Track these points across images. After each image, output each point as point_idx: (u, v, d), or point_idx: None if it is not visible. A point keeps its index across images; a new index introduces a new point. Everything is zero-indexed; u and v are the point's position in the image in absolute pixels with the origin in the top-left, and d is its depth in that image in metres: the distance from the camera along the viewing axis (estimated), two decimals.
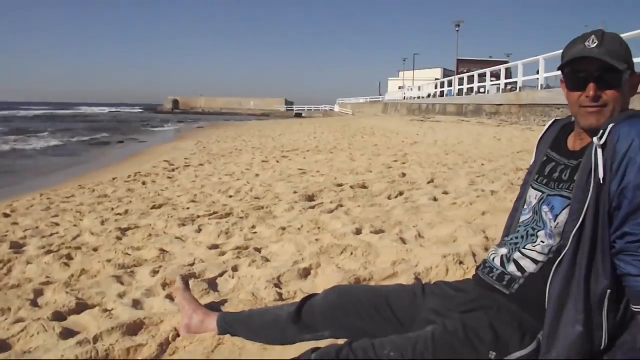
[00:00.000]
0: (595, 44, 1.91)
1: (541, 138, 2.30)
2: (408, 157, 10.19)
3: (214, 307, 2.96)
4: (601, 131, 1.86)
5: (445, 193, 5.91)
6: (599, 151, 1.83)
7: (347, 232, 4.24)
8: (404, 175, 7.61)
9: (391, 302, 2.25)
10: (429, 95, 46.70)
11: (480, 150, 11.30)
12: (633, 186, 1.76)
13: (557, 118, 2.33)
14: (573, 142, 2.10)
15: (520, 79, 26.16)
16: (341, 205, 5.54)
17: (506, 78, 29.85)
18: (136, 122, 54.62)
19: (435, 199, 5.56)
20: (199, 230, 4.86)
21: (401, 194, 6.06)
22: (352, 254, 3.74)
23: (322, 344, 2.31)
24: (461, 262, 3.30)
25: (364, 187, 6.70)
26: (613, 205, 1.81)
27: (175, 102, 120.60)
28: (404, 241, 3.94)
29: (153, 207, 6.30)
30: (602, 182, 1.81)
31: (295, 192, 6.46)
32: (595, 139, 1.86)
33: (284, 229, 4.61)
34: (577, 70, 1.96)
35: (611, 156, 1.81)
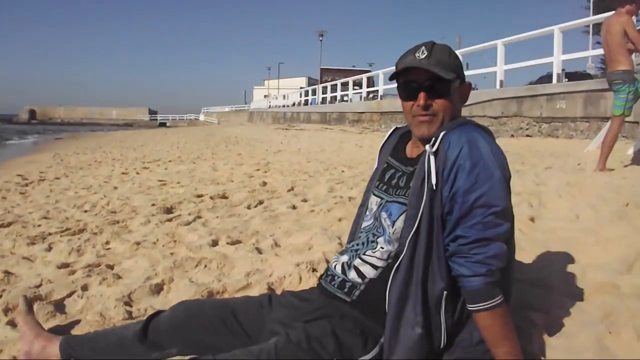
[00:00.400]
0: (425, 55, 1.97)
1: (383, 145, 2.35)
2: (270, 166, 10.20)
3: (60, 330, 2.79)
4: (433, 139, 1.92)
5: (305, 200, 5.95)
6: (432, 158, 1.90)
7: (203, 244, 4.15)
8: (264, 184, 7.60)
9: (237, 315, 2.21)
10: (294, 104, 47.27)
11: (341, 157, 11.50)
12: (463, 191, 1.83)
13: (398, 126, 2.38)
14: (410, 150, 2.17)
15: (381, 88, 27.03)
16: (199, 217, 5.43)
17: (368, 86, 30.74)
18: None
19: (294, 207, 5.58)
20: (49, 249, 4.59)
21: (261, 202, 6.04)
22: (206, 266, 3.66)
23: None
24: (314, 270, 3.31)
25: (224, 197, 6.62)
26: (445, 210, 1.87)
27: (32, 112, 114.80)
28: (259, 251, 3.91)
29: (1, 226, 5.88)
30: (434, 187, 1.88)
31: (153, 205, 6.27)
32: (427, 147, 1.92)
33: (138, 243, 4.45)
34: (408, 81, 2.02)
35: (442, 162, 1.87)
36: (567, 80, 16.11)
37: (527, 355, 2.01)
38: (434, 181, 1.87)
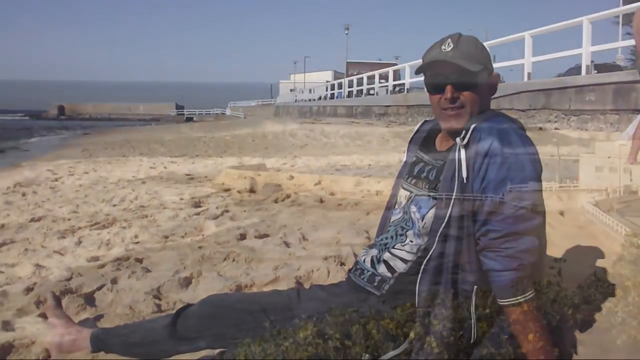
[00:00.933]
0: (451, 47, 1.95)
1: (411, 138, 2.33)
2: (297, 160, 10.22)
3: (89, 323, 2.83)
4: (464, 131, 1.90)
5: (332, 194, 5.96)
6: (462, 151, 1.87)
7: (230, 238, 4.18)
8: (291, 177, 7.62)
9: (266, 309, 2.21)
10: (319, 98, 47.18)
11: (368, 151, 11.48)
12: (494, 184, 1.81)
13: (427, 119, 2.36)
14: (440, 143, 2.15)
15: (407, 81, 26.83)
16: (227, 211, 5.46)
17: (394, 80, 30.55)
18: (18, 129, 51.57)
19: (321, 201, 5.60)
20: (79, 242, 4.65)
21: (288, 196, 6.06)
22: (234, 260, 3.68)
23: (198, 355, 2.26)
24: (342, 264, 3.32)
25: (251, 191, 6.65)
26: (476, 203, 1.85)
27: (61, 108, 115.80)
28: (287, 245, 3.93)
29: (32, 220, 5.96)
30: (465, 181, 1.86)
31: (181, 199, 6.33)
32: (458, 139, 1.90)
33: (166, 237, 4.49)
34: (435, 74, 2.00)
35: (473, 155, 1.85)
36: (596, 72, 15.87)
37: (558, 351, 1.99)
38: (464, 174, 1.85)
